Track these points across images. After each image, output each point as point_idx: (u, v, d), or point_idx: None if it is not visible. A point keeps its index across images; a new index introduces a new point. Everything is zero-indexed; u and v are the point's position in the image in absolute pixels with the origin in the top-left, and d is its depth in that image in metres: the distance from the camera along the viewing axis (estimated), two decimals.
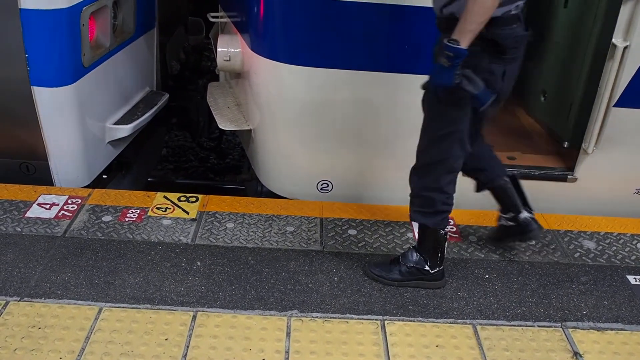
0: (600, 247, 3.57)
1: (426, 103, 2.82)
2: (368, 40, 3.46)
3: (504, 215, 3.33)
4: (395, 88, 3.58)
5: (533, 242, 3.53)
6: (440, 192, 2.90)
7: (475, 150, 3.04)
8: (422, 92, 3.62)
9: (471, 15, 2.42)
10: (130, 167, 4.85)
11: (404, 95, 3.60)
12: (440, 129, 2.79)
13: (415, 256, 3.10)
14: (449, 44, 2.45)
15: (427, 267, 3.09)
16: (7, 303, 2.84)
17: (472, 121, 2.77)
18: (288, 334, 2.78)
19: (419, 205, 2.96)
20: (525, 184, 3.94)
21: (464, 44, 2.45)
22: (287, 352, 2.68)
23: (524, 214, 3.28)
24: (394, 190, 3.94)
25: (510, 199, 3.27)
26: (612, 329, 2.95)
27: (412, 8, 3.37)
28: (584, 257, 3.46)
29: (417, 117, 3.67)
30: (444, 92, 2.63)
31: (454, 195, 2.95)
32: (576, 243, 3.59)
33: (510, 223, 3.31)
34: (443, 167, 2.86)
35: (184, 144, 7.15)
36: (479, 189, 3.30)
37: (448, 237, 3.49)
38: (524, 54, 2.77)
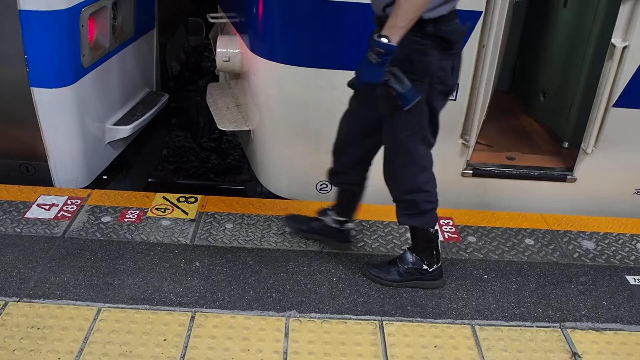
0: (600, 247, 3.57)
1: (383, 108, 2.77)
2: (364, 40, 3.45)
3: (337, 217, 3.30)
4: None
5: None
6: (420, 192, 2.89)
7: (369, 151, 3.03)
8: None
9: (403, 11, 2.38)
10: (130, 167, 4.85)
11: None
12: (402, 131, 2.76)
13: (411, 257, 3.10)
14: (379, 40, 2.41)
15: (425, 267, 3.09)
16: (6, 304, 2.84)
17: (430, 119, 2.76)
18: (286, 335, 2.78)
19: (403, 209, 2.96)
20: (525, 184, 3.96)
21: (394, 40, 2.40)
22: (285, 353, 2.68)
23: (351, 224, 3.33)
24: None
25: (353, 206, 3.28)
26: (610, 329, 2.95)
27: None
28: (583, 257, 3.46)
29: None
30: (366, 88, 2.60)
31: (436, 189, 2.94)
32: (575, 243, 3.58)
33: (335, 225, 3.31)
34: (414, 168, 2.85)
35: (185, 144, 7.15)
36: (334, 181, 3.22)
37: (447, 237, 3.51)
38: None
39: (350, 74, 3.55)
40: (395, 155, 2.86)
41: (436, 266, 3.10)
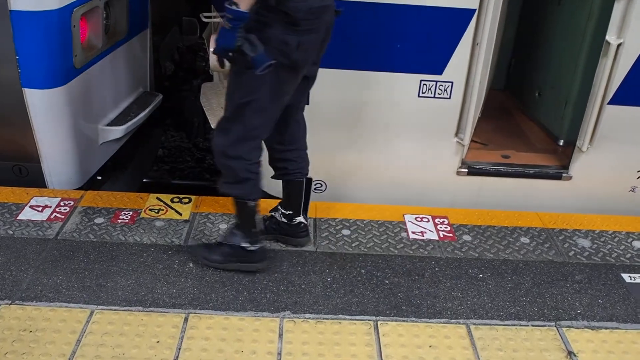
0: (595, 245, 3.56)
1: (233, 69, 2.83)
2: (357, 40, 3.45)
3: (283, 211, 3.33)
4: (386, 87, 3.58)
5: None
6: (240, 160, 2.90)
7: (290, 138, 3.10)
8: (412, 89, 3.62)
9: None
10: (124, 168, 4.83)
11: (394, 95, 3.60)
12: (241, 97, 2.80)
13: (235, 233, 3.11)
14: (229, 6, 2.49)
15: (246, 244, 3.08)
16: None
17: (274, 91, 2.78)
18: (280, 336, 2.77)
19: (224, 176, 2.98)
20: (520, 183, 3.95)
21: (242, 6, 2.48)
22: (279, 354, 2.67)
23: (300, 218, 3.32)
24: (388, 189, 3.94)
25: (297, 199, 3.29)
26: (606, 328, 2.94)
27: (401, 7, 3.36)
28: (578, 256, 3.45)
29: (406, 116, 3.69)
30: (225, 54, 2.66)
31: (259, 160, 2.96)
32: (571, 241, 3.57)
33: (284, 220, 3.32)
34: (242, 135, 2.86)
35: (180, 144, 7.12)
36: (277, 177, 3.29)
37: (442, 236, 3.50)
38: (331, 25, 2.80)
39: (341, 73, 3.56)
40: (229, 118, 2.89)
41: (259, 245, 3.10)
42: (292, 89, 2.88)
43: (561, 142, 4.36)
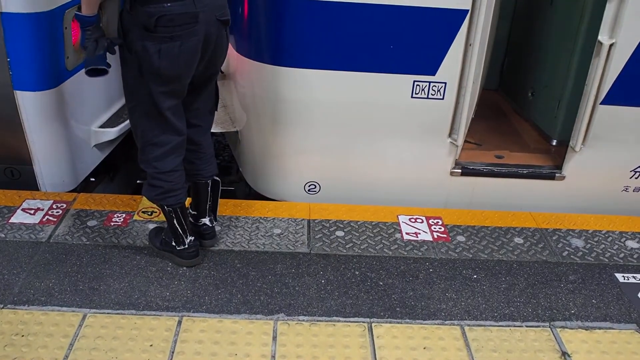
0: (589, 245, 3.56)
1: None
2: (351, 41, 3.44)
3: (191, 210, 3.36)
4: (379, 88, 3.57)
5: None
6: (149, 165, 2.95)
7: (197, 139, 3.13)
8: (405, 90, 3.63)
9: None
10: (118, 170, 4.81)
11: (388, 95, 3.59)
12: (129, 102, 2.91)
13: (166, 230, 3.19)
14: (77, 12, 2.66)
15: (173, 243, 3.15)
16: None
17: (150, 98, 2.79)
18: (274, 338, 2.76)
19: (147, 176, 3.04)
20: (514, 183, 3.96)
21: (83, 10, 2.61)
22: (273, 357, 2.66)
23: (205, 220, 3.32)
24: (382, 190, 3.93)
25: (202, 201, 3.30)
26: (600, 328, 2.94)
27: (394, 8, 3.36)
28: (572, 256, 3.46)
29: (399, 117, 3.69)
30: (85, 52, 2.74)
31: (172, 172, 2.96)
32: (564, 241, 3.58)
33: (191, 219, 3.33)
34: (145, 139, 2.92)
35: None
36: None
37: (436, 237, 3.49)
38: (215, 35, 2.79)
39: (334, 74, 3.55)
40: (131, 124, 2.99)
41: (183, 247, 3.14)
42: (175, 96, 2.84)
43: (554, 142, 4.36)
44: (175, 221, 3.07)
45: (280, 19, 3.44)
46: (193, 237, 3.17)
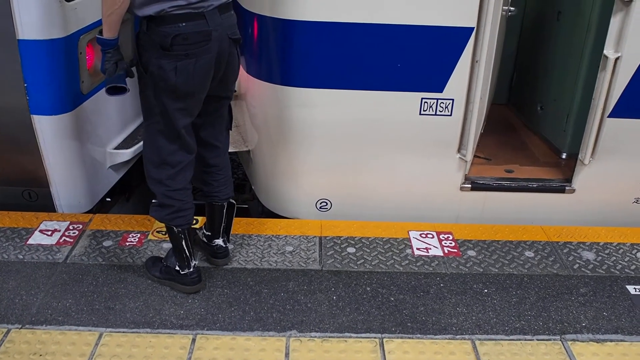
0: (600, 257, 3.57)
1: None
2: (360, 60, 3.50)
3: (204, 231, 3.41)
4: (388, 106, 3.62)
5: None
6: (161, 185, 2.99)
7: (206, 160, 3.17)
8: (413, 108, 3.67)
9: (103, 7, 2.65)
10: (133, 190, 4.89)
11: (396, 113, 3.64)
12: (146, 119, 2.96)
13: (170, 255, 3.19)
14: (98, 35, 2.74)
15: (177, 268, 3.15)
16: (8, 331, 2.87)
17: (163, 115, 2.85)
18: (287, 355, 2.79)
19: (155, 198, 3.07)
20: (524, 197, 3.98)
21: (105, 34, 2.71)
22: None
23: (219, 241, 3.38)
24: (393, 207, 3.97)
25: (216, 222, 3.34)
26: (611, 341, 2.95)
27: (401, 27, 3.41)
28: (583, 268, 3.46)
29: (408, 134, 3.73)
30: (105, 75, 2.80)
31: (184, 191, 3.01)
32: (575, 254, 3.59)
33: (204, 239, 3.40)
34: (156, 159, 2.96)
35: None
36: (197, 197, 3.35)
37: (446, 252, 3.51)
38: (227, 53, 2.86)
39: (344, 93, 3.61)
40: (145, 142, 3.04)
41: (187, 270, 3.14)
42: (190, 114, 2.91)
43: (564, 155, 4.38)
44: (183, 242, 3.09)
45: (288, 39, 3.51)
46: (197, 262, 3.22)
